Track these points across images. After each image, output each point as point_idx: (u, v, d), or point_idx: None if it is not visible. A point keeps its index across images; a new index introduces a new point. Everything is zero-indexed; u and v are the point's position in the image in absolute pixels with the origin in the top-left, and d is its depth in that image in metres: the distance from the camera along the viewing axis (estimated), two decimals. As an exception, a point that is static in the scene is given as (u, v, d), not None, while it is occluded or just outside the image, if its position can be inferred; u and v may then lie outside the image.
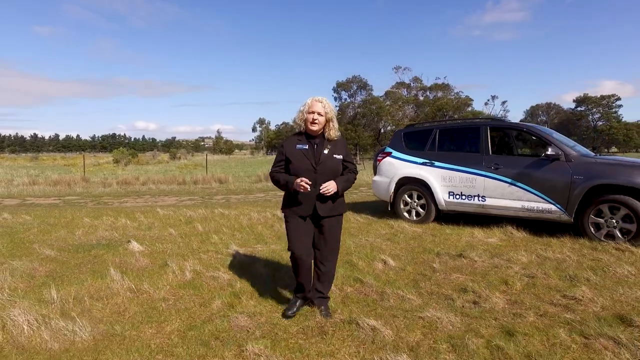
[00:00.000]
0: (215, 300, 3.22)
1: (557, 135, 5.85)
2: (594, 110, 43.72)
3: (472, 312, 2.97)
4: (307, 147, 2.78)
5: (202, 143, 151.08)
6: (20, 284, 3.58)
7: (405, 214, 6.53)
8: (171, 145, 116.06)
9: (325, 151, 2.79)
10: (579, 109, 45.16)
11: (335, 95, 39.79)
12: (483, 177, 5.79)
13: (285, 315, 2.89)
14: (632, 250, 4.42)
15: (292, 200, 2.83)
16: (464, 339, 2.55)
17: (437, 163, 6.26)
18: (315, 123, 2.74)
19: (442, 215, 6.37)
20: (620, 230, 4.79)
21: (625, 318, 2.79)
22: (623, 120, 41.81)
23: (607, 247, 4.59)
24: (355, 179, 2.94)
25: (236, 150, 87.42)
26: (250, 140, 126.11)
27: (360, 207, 8.04)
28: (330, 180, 2.74)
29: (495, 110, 53.35)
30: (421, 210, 6.40)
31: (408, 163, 6.55)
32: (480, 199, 5.83)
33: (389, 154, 6.85)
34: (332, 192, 2.71)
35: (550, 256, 4.35)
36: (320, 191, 2.69)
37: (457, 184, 6.03)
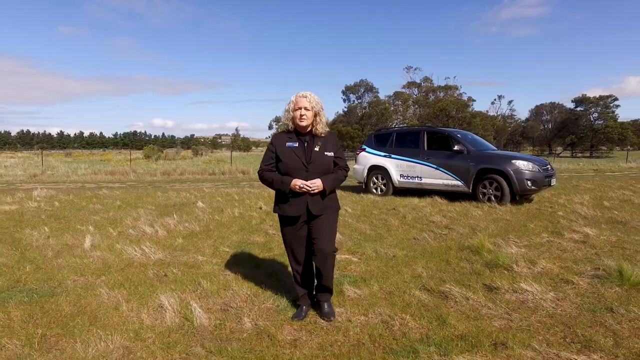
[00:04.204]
0: (253, 221, 6.41)
1: (471, 137, 8.89)
2: (592, 110, 46.02)
3: (378, 225, 6.08)
4: (297, 145, 2.73)
5: (220, 140, 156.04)
6: (150, 217, 6.84)
7: (374, 190, 9.62)
8: (190, 142, 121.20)
9: (316, 148, 2.72)
10: (578, 108, 47.49)
11: (344, 97, 42.98)
12: (420, 165, 8.85)
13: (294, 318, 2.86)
14: (495, 207, 7.44)
15: (283, 201, 2.79)
16: (367, 232, 5.67)
17: (393, 155, 9.33)
18: (304, 118, 2.68)
19: (397, 191, 9.44)
20: (494, 196, 7.82)
21: (447, 226, 5.87)
22: (619, 119, 44.04)
23: (483, 205, 7.62)
24: (345, 176, 2.88)
25: (253, 148, 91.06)
26: (266, 138, 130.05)
27: (346, 188, 11.16)
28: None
29: (501, 109, 55.74)
30: (383, 187, 9.49)
31: (375, 156, 9.64)
32: (418, 179, 8.89)
33: (364, 150, 9.95)
34: (316, 190, 2.68)
35: (446, 209, 7.40)
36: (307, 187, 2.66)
37: (405, 169, 9.10)
